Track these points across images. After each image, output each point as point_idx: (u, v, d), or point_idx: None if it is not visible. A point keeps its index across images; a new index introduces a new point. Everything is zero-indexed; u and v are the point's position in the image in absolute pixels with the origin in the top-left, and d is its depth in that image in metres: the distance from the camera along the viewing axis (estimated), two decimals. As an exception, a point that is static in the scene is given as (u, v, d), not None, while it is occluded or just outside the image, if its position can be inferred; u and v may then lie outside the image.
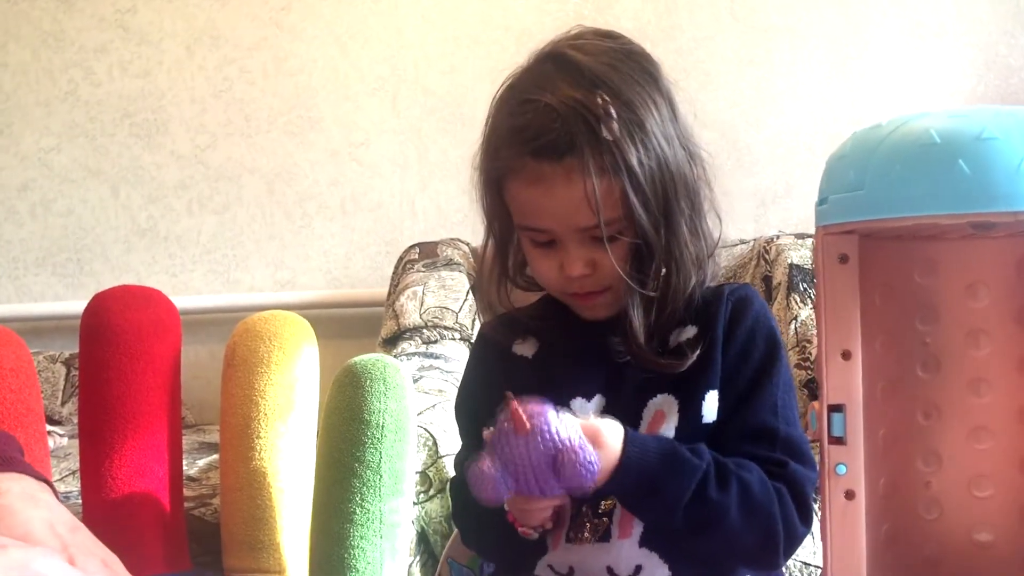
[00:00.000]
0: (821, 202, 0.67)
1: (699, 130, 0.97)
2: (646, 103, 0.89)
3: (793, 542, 0.90)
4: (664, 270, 0.91)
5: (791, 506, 0.88)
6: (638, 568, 0.91)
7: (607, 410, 0.92)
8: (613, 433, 0.85)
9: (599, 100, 0.86)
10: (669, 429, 0.92)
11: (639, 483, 0.85)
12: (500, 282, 1.01)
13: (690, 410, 0.92)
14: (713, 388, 0.93)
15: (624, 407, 0.92)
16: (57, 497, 0.85)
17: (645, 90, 0.90)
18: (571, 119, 0.86)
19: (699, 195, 0.93)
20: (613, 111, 0.86)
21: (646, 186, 0.88)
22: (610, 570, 0.92)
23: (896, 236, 0.72)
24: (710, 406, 0.93)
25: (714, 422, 0.93)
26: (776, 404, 0.93)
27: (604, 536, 0.92)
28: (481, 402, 1.02)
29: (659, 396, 0.93)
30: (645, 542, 0.91)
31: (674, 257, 0.91)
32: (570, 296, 0.95)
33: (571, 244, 0.90)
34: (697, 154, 0.94)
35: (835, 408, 0.68)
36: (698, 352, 0.92)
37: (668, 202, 0.90)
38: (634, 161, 0.87)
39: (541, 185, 0.88)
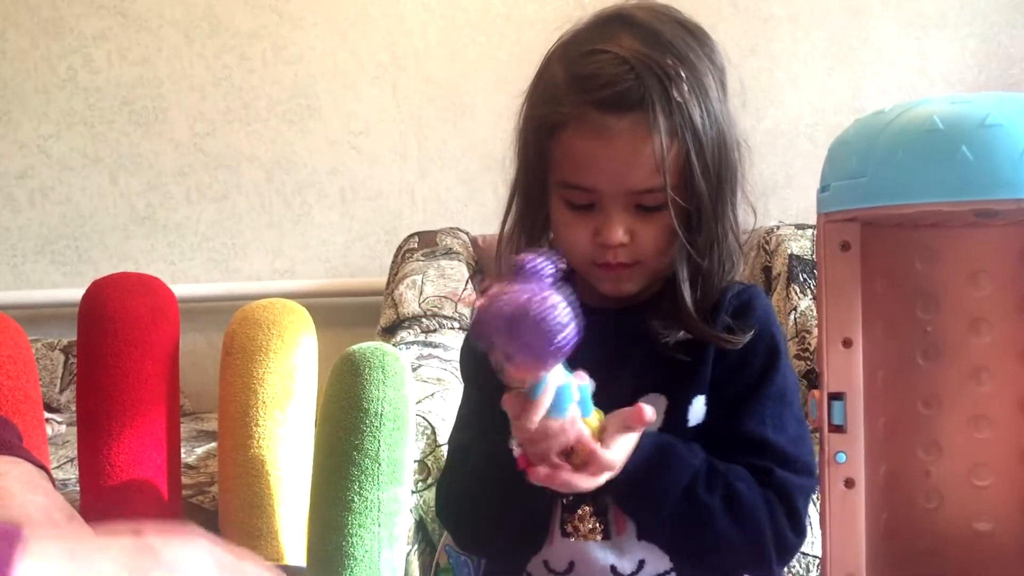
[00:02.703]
0: (823, 189, 0.67)
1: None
2: (708, 75, 0.88)
3: (784, 552, 0.88)
4: (711, 245, 0.89)
5: (781, 514, 0.87)
6: (641, 563, 0.90)
7: (596, 395, 0.89)
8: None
9: (669, 61, 0.84)
10: (652, 429, 0.90)
11: (629, 470, 0.82)
12: (521, 248, 0.95)
13: (676, 412, 0.90)
14: (701, 393, 0.91)
15: (615, 399, 0.90)
16: (54, 485, 0.85)
17: (704, 63, 0.88)
18: (644, 73, 0.83)
19: (738, 179, 0.91)
20: (682, 73, 0.84)
21: (707, 154, 0.86)
22: (613, 568, 0.90)
23: (898, 224, 0.71)
24: (696, 410, 0.91)
25: (700, 425, 0.91)
26: (766, 413, 0.90)
27: (607, 534, 0.91)
28: (482, 369, 1.01)
29: (651, 395, 0.91)
30: (643, 535, 0.90)
31: (718, 237, 0.89)
32: (597, 267, 0.90)
33: (614, 208, 0.86)
34: (740, 137, 0.92)
35: (835, 396, 0.68)
36: (748, 335, 0.90)
37: (721, 178, 0.88)
38: (700, 126, 0.85)
39: (601, 138, 0.84)
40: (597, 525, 0.91)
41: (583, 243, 0.89)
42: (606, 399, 0.83)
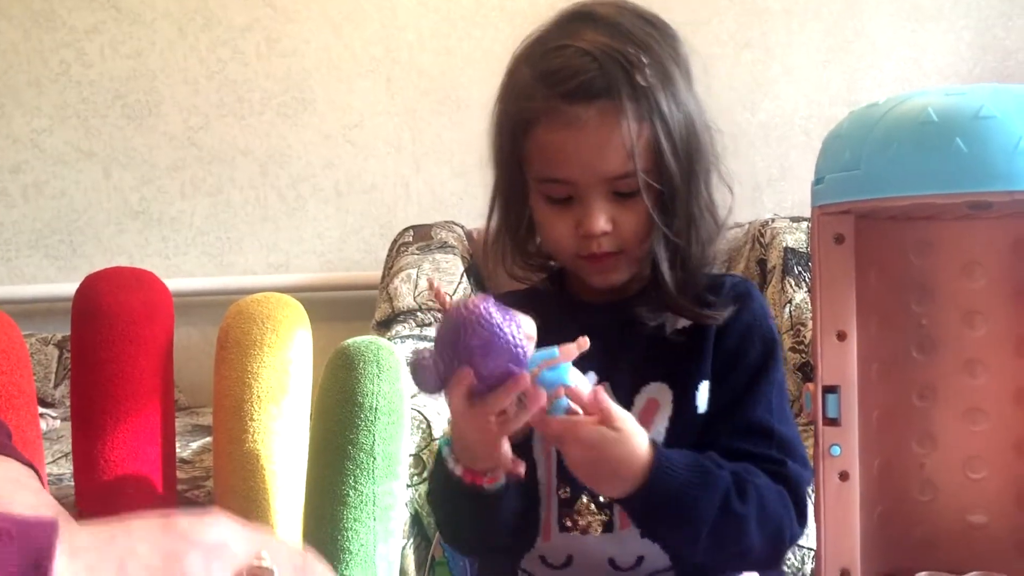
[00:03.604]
0: (817, 182, 0.67)
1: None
2: (670, 61, 0.90)
3: (792, 544, 0.89)
4: (688, 225, 0.90)
5: (792, 508, 0.87)
6: (640, 559, 0.90)
7: None
8: (641, 437, 0.80)
9: (631, 49, 0.86)
10: (663, 419, 0.91)
11: (668, 499, 0.81)
12: (507, 251, 0.97)
13: (685, 400, 0.91)
14: (705, 379, 0.92)
15: (616, 391, 0.91)
16: (44, 484, 0.85)
17: (667, 52, 0.90)
18: (607, 63, 0.85)
19: (710, 161, 0.93)
20: (645, 60, 0.86)
21: (676, 137, 0.87)
22: (612, 562, 0.91)
23: (892, 216, 0.71)
24: (703, 396, 0.92)
25: (705, 413, 0.92)
26: (771, 402, 0.91)
27: (607, 527, 0.91)
28: None
29: (653, 384, 0.92)
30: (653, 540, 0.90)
31: (694, 218, 0.90)
32: (584, 259, 0.91)
33: (592, 198, 0.88)
34: (709, 122, 0.94)
35: (830, 389, 0.68)
36: (729, 309, 0.92)
37: (691, 159, 0.89)
38: (666, 110, 0.87)
39: (571, 128, 0.86)
40: (598, 517, 0.91)
41: (566, 236, 0.90)
42: (606, 392, 0.83)
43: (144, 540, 0.54)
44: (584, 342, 0.78)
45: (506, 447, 0.81)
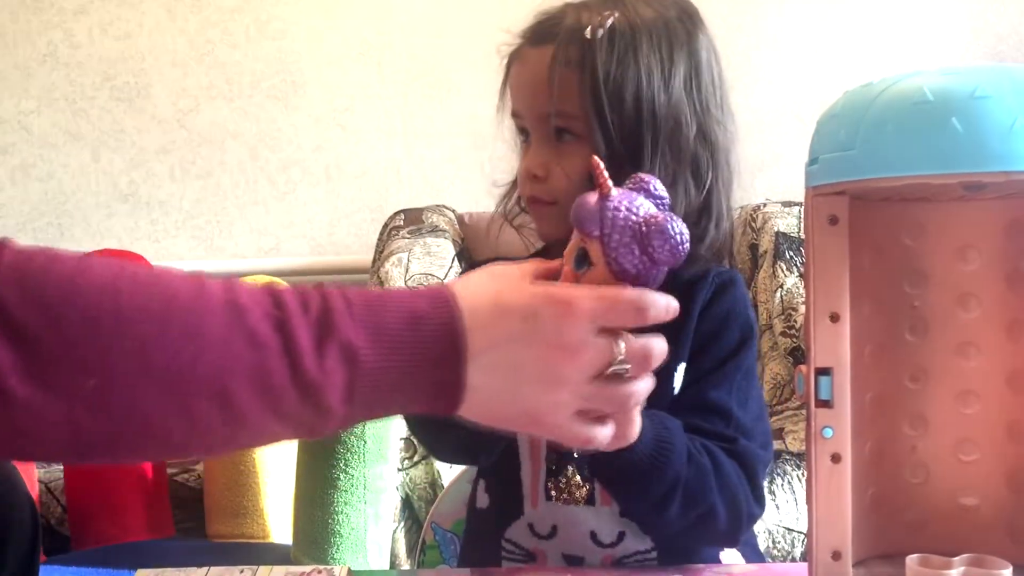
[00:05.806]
0: (812, 162, 0.66)
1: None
2: (658, 45, 0.90)
3: (750, 521, 0.89)
4: None
5: (746, 483, 0.87)
6: (621, 535, 0.91)
7: None
8: None
9: (607, 12, 0.89)
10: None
11: (654, 444, 0.80)
12: (511, 210, 1.01)
13: (662, 382, 0.90)
14: (683, 361, 0.92)
15: None
16: None
17: (667, 39, 0.90)
18: (570, 17, 0.91)
19: (686, 153, 0.92)
20: (610, 23, 0.88)
21: (606, 97, 0.87)
22: (593, 535, 0.91)
23: (886, 198, 0.71)
24: (679, 377, 0.92)
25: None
26: (733, 386, 0.91)
27: (590, 499, 0.91)
28: None
29: None
30: (625, 513, 0.90)
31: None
32: (528, 203, 0.95)
33: (536, 136, 0.92)
34: (708, 124, 0.94)
35: (823, 371, 0.68)
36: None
37: (639, 134, 0.89)
38: (600, 65, 0.87)
39: (519, 62, 0.94)
40: (582, 489, 0.91)
41: (520, 177, 0.94)
42: None
43: (522, 345, 0.56)
44: None
45: None
